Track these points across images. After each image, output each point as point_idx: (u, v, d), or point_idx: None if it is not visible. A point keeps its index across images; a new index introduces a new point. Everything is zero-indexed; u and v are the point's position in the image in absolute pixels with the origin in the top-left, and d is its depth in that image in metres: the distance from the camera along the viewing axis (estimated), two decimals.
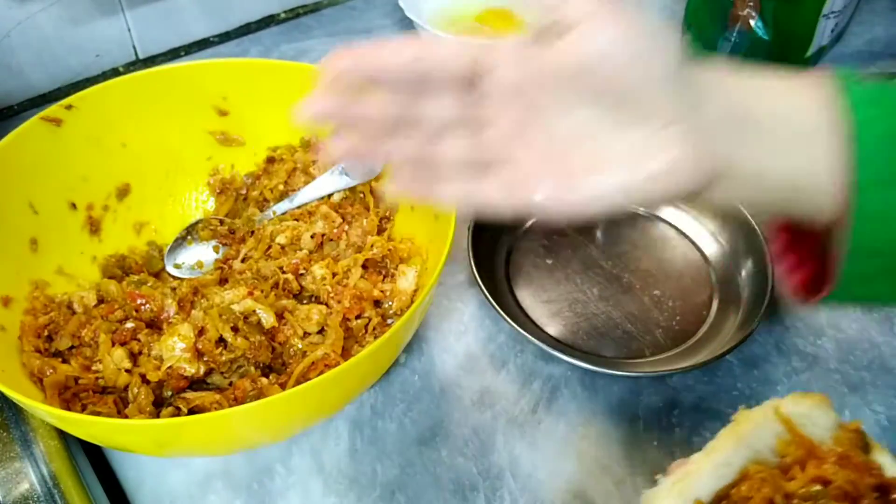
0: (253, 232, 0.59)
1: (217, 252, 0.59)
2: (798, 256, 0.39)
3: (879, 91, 0.32)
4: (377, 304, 0.53)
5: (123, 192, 0.58)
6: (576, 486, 0.48)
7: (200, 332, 0.48)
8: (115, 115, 0.56)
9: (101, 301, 0.52)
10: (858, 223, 0.32)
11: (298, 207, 0.60)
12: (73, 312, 0.51)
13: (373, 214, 0.58)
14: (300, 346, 0.49)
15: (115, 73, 0.82)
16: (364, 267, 0.54)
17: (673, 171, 0.31)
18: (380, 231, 0.58)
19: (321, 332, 0.50)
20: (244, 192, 0.62)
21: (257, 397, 0.46)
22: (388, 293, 0.53)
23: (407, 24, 0.89)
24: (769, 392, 0.54)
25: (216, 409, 0.45)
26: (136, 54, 0.83)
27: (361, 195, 0.60)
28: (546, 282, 0.60)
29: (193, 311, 0.50)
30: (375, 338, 0.49)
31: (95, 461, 0.50)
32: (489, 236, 0.61)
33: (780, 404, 0.33)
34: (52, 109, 0.53)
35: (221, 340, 0.48)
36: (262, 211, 0.61)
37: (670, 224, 0.64)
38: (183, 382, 0.47)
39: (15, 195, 0.51)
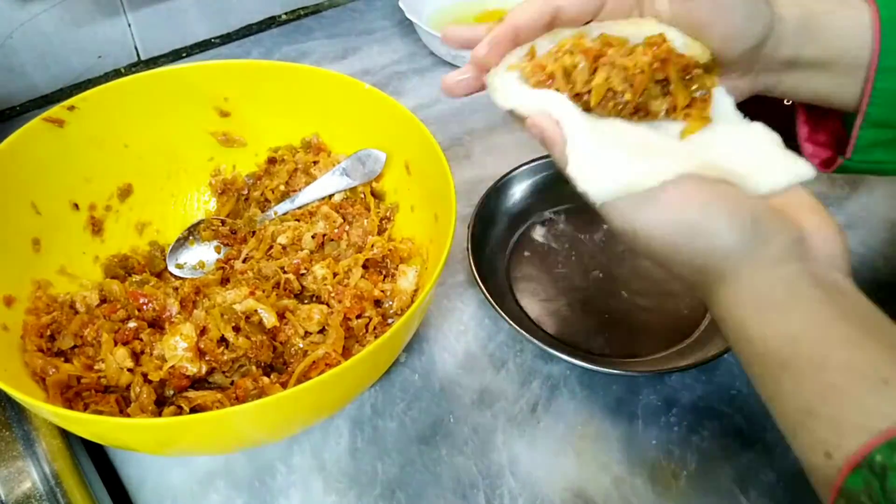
0: (254, 232, 0.59)
1: (219, 252, 0.59)
2: (813, 143, 0.48)
3: None
4: (378, 303, 0.53)
5: (125, 193, 0.59)
6: (575, 485, 0.49)
7: (202, 331, 0.48)
8: (117, 116, 0.56)
9: (103, 301, 0.52)
10: (876, 99, 0.40)
11: (299, 208, 0.60)
12: (76, 312, 0.51)
13: (373, 215, 0.59)
14: (301, 345, 0.49)
15: (117, 74, 0.82)
16: (365, 267, 0.55)
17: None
18: (380, 231, 0.59)
19: (322, 331, 0.51)
20: (245, 192, 0.62)
21: (259, 396, 0.46)
22: (388, 293, 0.54)
23: (407, 26, 0.90)
24: None
25: (218, 408, 0.45)
26: (137, 55, 0.83)
27: (362, 196, 0.60)
28: (545, 281, 0.61)
29: (195, 311, 0.50)
30: (376, 337, 0.49)
31: (97, 460, 0.50)
32: (489, 236, 0.61)
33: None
34: (55, 110, 0.53)
35: (223, 340, 0.48)
36: (263, 211, 0.61)
37: None
38: (185, 382, 0.47)
39: (17, 196, 0.51)
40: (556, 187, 0.66)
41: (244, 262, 0.57)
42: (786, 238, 0.34)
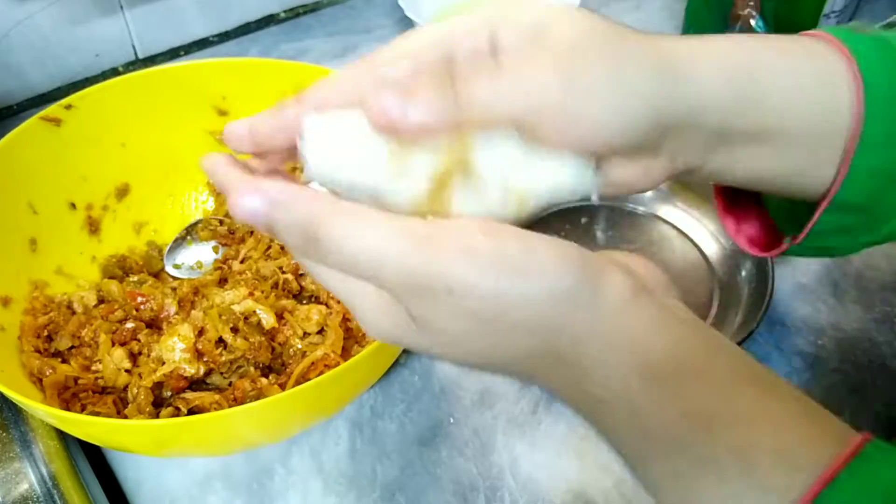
0: (252, 232, 0.59)
1: (216, 252, 0.59)
2: (736, 217, 0.39)
3: (880, 46, 0.31)
4: None
5: (123, 192, 0.58)
6: (575, 486, 0.48)
7: (200, 332, 0.48)
8: (115, 115, 0.56)
9: (100, 301, 0.52)
10: (851, 180, 0.31)
11: None
12: (73, 312, 0.51)
13: None
14: (300, 346, 0.49)
15: (114, 72, 0.82)
16: None
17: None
18: None
19: (321, 332, 0.50)
20: None
21: (257, 397, 0.46)
22: None
23: (407, 24, 0.89)
24: None
25: (216, 409, 0.45)
26: (135, 54, 0.83)
27: None
28: None
29: (193, 312, 0.50)
30: None
31: (95, 461, 0.49)
32: None
33: None
34: (52, 109, 0.53)
35: (221, 341, 0.48)
36: None
37: (671, 224, 0.64)
38: (183, 383, 0.47)
39: (14, 195, 0.51)
40: None
41: (242, 262, 0.57)
42: (620, 271, 0.26)
